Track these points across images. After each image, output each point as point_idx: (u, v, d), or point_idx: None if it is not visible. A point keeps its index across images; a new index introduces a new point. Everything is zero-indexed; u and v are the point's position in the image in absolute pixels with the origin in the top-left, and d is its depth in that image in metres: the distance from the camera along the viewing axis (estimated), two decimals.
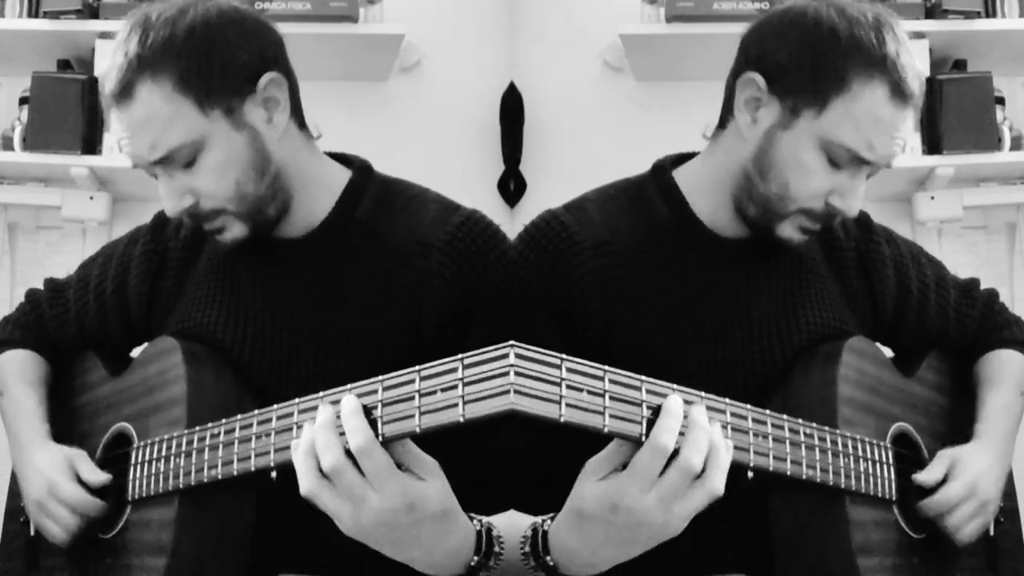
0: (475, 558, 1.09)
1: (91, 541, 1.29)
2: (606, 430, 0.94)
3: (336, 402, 1.00)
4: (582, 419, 0.92)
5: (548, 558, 1.08)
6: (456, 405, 0.91)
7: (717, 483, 0.99)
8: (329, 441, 0.99)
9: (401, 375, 0.96)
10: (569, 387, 0.91)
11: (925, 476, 1.30)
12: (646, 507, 0.98)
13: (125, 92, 1.22)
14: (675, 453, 0.98)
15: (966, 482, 1.29)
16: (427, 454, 1.01)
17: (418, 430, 0.94)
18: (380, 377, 0.98)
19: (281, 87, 1.28)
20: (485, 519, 1.11)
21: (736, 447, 1.05)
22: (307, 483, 1.00)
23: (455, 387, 0.91)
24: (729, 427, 1.06)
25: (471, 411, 0.90)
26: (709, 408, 1.03)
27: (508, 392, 0.88)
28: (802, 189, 1.26)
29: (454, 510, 1.04)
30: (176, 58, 1.22)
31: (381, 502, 0.98)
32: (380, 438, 0.97)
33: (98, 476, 1.30)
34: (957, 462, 1.31)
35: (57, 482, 1.29)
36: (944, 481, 1.29)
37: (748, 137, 1.29)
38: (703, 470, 0.99)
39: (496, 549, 1.10)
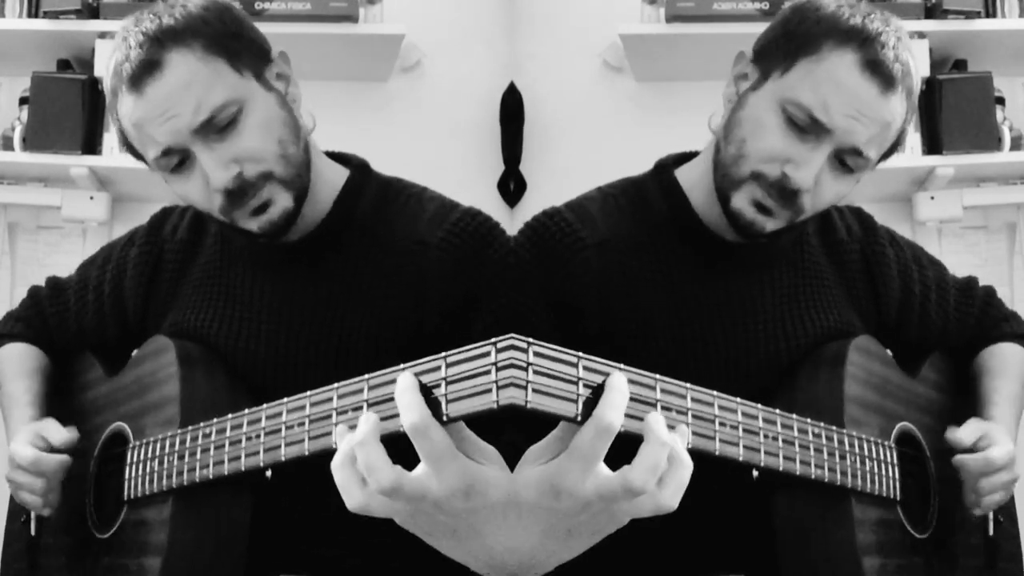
0: None
1: (89, 540, 1.29)
2: (622, 430, 0.93)
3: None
4: None
5: None
6: (439, 404, 0.90)
7: (670, 500, 0.89)
8: (374, 461, 0.88)
9: (386, 374, 0.94)
10: (586, 386, 0.91)
11: (960, 435, 1.30)
12: (588, 491, 0.87)
13: (150, 67, 1.18)
14: (626, 459, 0.89)
15: (1009, 450, 1.29)
16: (411, 456, 0.94)
17: (402, 429, 0.93)
18: (365, 376, 0.96)
19: (288, 63, 1.29)
20: None
21: (746, 447, 1.05)
22: (355, 499, 0.90)
23: (438, 386, 0.91)
24: (740, 427, 1.05)
25: (454, 410, 0.89)
26: (721, 408, 1.01)
27: (490, 390, 0.87)
28: (756, 146, 1.23)
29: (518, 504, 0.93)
30: (202, 24, 1.21)
31: (439, 486, 0.87)
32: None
33: (64, 434, 1.30)
34: (993, 432, 1.31)
35: (14, 451, 1.29)
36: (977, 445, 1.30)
37: (727, 109, 1.30)
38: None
39: None
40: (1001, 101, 2.47)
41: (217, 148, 1.21)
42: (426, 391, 0.89)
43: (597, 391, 0.88)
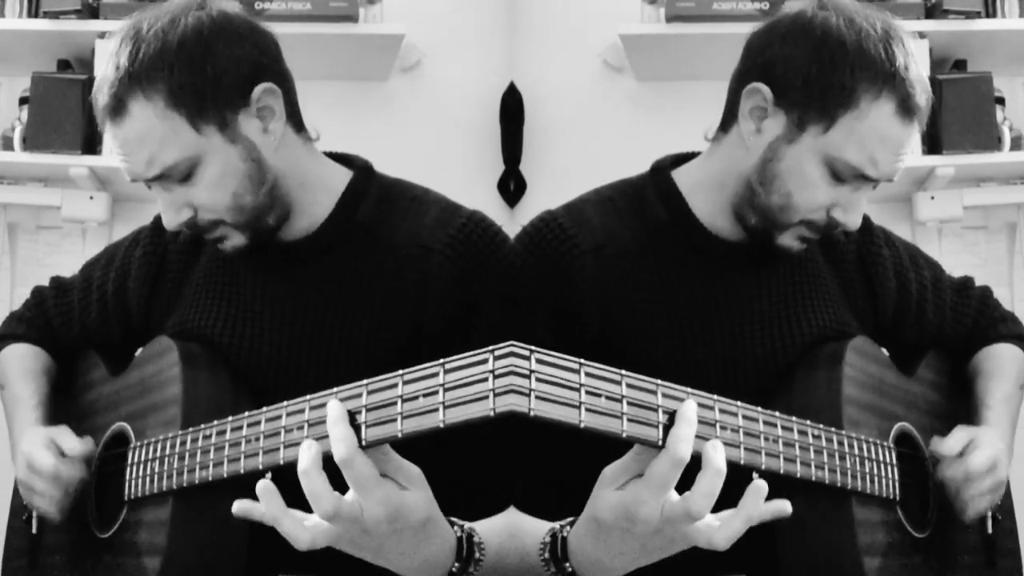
0: (455, 564, 1.09)
1: (89, 540, 1.29)
2: (624, 435, 0.94)
3: (347, 399, 0.99)
4: (601, 424, 0.92)
5: (568, 564, 1.09)
6: (437, 410, 0.91)
7: (721, 543, 1.01)
8: (317, 489, 0.97)
9: (385, 379, 0.96)
10: (588, 392, 0.91)
11: (945, 445, 1.30)
12: (661, 518, 0.97)
13: (118, 109, 1.22)
14: (690, 481, 0.97)
15: (990, 455, 1.29)
16: (415, 460, 1.01)
17: (400, 435, 0.94)
18: (364, 381, 0.97)
19: (275, 96, 1.26)
20: (467, 524, 1.11)
21: (748, 449, 1.06)
22: (303, 540, 1.02)
23: (436, 392, 0.91)
24: (741, 431, 1.05)
25: (451, 416, 0.90)
26: (722, 411, 1.03)
27: (488, 397, 0.87)
28: (805, 201, 1.26)
29: (435, 518, 1.04)
30: (168, 73, 1.20)
31: (366, 513, 0.97)
32: (363, 443, 0.96)
33: (78, 445, 1.30)
34: (978, 437, 1.32)
35: (32, 455, 1.29)
36: (965, 452, 1.30)
37: (751, 147, 1.28)
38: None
39: (477, 555, 1.10)
40: (1001, 101, 2.47)
41: (174, 191, 1.25)
42: (351, 416, 0.96)
43: (672, 418, 0.95)
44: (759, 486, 1.00)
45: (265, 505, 1.00)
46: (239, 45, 1.25)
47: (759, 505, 1.00)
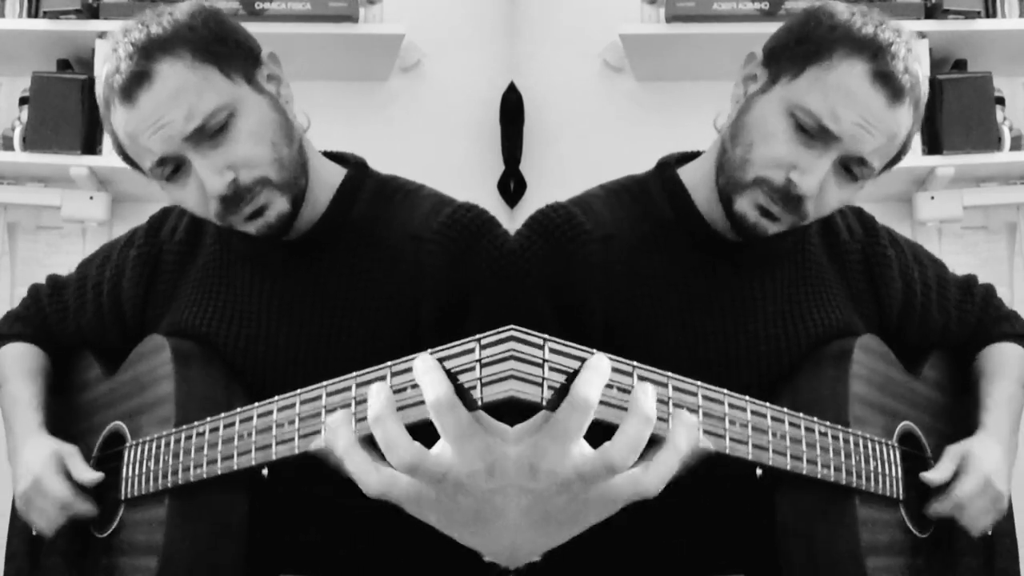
0: None
1: (88, 540, 1.29)
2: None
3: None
4: (611, 416, 0.87)
5: None
6: (424, 401, 0.85)
7: (652, 485, 0.86)
8: (393, 437, 0.85)
9: (373, 371, 0.93)
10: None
11: (934, 475, 1.29)
12: (567, 471, 0.84)
13: (141, 78, 1.19)
14: (607, 432, 0.86)
15: (980, 477, 1.29)
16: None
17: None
18: (353, 374, 0.95)
19: (278, 64, 1.29)
20: None
21: (755, 445, 1.05)
22: (373, 484, 0.88)
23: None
24: (750, 426, 1.05)
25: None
26: (731, 406, 1.01)
27: (475, 387, 0.83)
28: (763, 152, 1.23)
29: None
30: (189, 32, 1.21)
31: (461, 463, 0.84)
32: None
33: (89, 475, 1.29)
34: (967, 457, 1.31)
35: (42, 477, 1.29)
36: (954, 478, 1.29)
37: (734, 110, 1.29)
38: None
39: None
40: (1001, 101, 2.47)
41: (211, 155, 1.21)
42: (452, 377, 0.85)
43: (573, 375, 0.84)
44: (688, 419, 0.90)
45: (332, 436, 0.90)
46: (235, 22, 1.29)
47: (692, 437, 0.90)
